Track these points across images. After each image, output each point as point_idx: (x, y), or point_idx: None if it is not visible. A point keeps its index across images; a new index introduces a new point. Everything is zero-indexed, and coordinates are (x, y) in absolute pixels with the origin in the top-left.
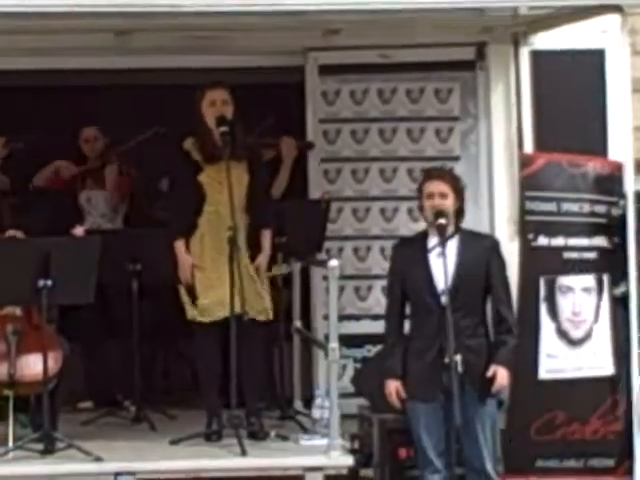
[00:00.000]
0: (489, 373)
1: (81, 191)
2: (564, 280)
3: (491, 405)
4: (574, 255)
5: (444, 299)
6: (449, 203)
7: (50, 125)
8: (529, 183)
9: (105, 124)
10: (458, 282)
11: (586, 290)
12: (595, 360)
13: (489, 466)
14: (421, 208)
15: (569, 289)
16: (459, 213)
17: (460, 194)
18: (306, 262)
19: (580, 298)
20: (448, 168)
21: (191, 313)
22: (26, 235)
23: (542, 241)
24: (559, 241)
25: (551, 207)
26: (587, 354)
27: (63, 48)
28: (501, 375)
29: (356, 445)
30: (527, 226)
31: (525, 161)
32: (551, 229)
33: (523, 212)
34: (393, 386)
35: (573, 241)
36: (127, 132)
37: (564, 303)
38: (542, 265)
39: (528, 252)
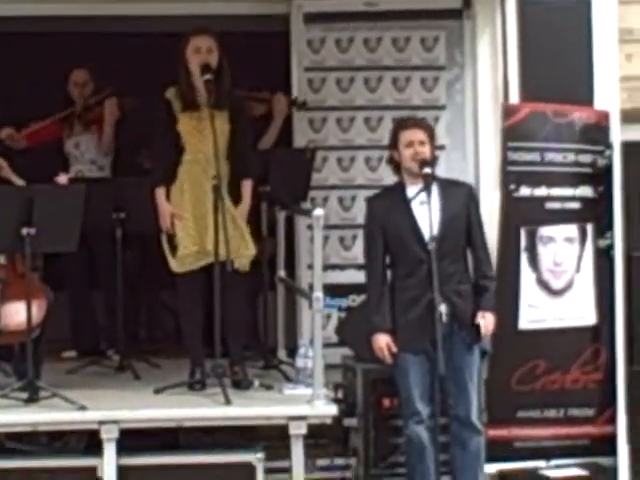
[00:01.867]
0: (478, 319)
1: (69, 137)
2: (545, 230)
3: (476, 354)
4: (556, 205)
5: (432, 247)
6: (428, 150)
7: (36, 71)
8: (512, 133)
9: (91, 70)
10: (444, 229)
11: (568, 240)
12: (576, 310)
13: (474, 416)
14: (392, 159)
15: (550, 239)
16: (434, 161)
17: (434, 144)
18: (290, 211)
19: (562, 248)
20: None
21: (172, 264)
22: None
23: (524, 191)
24: (542, 191)
25: (534, 157)
26: (568, 304)
27: None
28: (489, 320)
29: (340, 395)
30: (509, 176)
31: (508, 111)
32: (534, 179)
33: (505, 162)
34: (384, 340)
35: (556, 191)
36: (112, 80)
37: (545, 253)
38: (524, 215)
39: (509, 202)
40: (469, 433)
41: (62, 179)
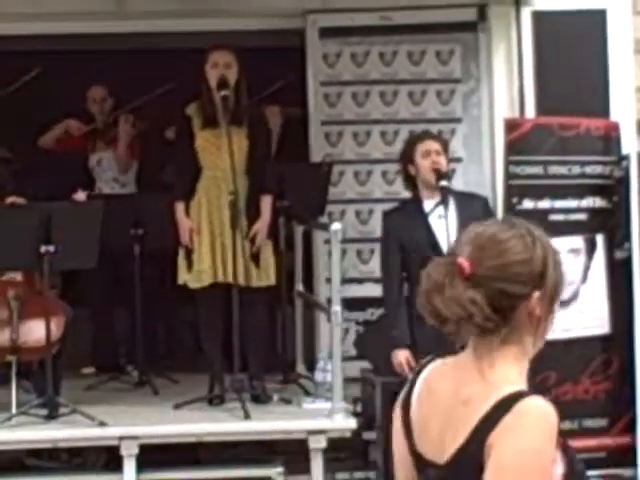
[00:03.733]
0: None
1: (92, 153)
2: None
3: None
4: (560, 217)
5: None
6: (444, 161)
7: (56, 89)
8: (514, 147)
9: (110, 87)
10: None
11: (573, 251)
12: (582, 320)
13: None
14: (406, 174)
15: None
16: (450, 173)
17: (448, 154)
18: (308, 226)
19: (566, 259)
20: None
21: (182, 278)
22: (29, 201)
23: (527, 204)
24: (545, 203)
25: (537, 170)
26: (574, 314)
27: (63, 13)
28: None
29: (359, 408)
30: (511, 190)
31: (510, 126)
32: (537, 192)
33: (507, 176)
34: (403, 356)
35: (560, 203)
36: (130, 96)
37: None
38: None
39: (513, 215)
40: None
41: (80, 196)
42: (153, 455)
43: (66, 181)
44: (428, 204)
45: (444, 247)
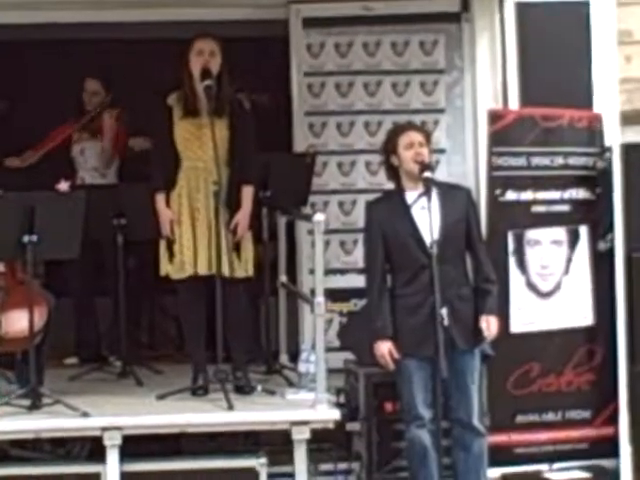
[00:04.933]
0: (482, 323)
1: (76, 143)
2: (532, 233)
3: (477, 357)
4: (542, 209)
5: (434, 251)
6: (427, 153)
7: (45, 79)
8: (497, 139)
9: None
10: (445, 234)
11: (555, 243)
12: (565, 312)
13: (476, 418)
14: (390, 165)
15: (537, 242)
16: (433, 165)
17: (431, 146)
18: (291, 216)
19: (548, 251)
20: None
21: (164, 269)
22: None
23: (510, 196)
24: (528, 195)
25: (520, 162)
26: (556, 306)
27: (47, 2)
28: (492, 323)
29: (342, 399)
30: (494, 181)
31: (494, 117)
32: (520, 183)
33: (490, 168)
34: (386, 347)
35: (543, 195)
36: (115, 87)
37: (532, 256)
38: (510, 219)
39: (496, 207)
40: (471, 436)
41: (63, 186)
42: (136, 446)
43: (48, 170)
44: (411, 195)
45: (426, 238)
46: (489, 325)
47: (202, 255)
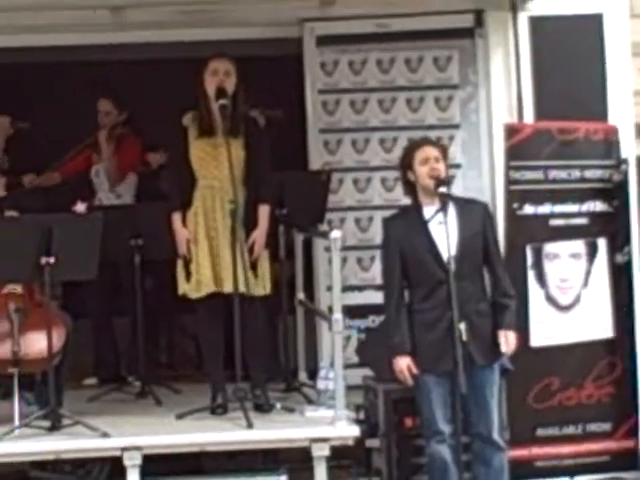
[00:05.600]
0: (501, 338)
1: (95, 164)
2: (550, 247)
3: (496, 372)
4: (561, 222)
5: (452, 267)
6: (443, 168)
7: (64, 100)
8: (514, 153)
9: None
10: (462, 249)
11: (574, 256)
12: (585, 325)
13: (496, 433)
14: (407, 180)
15: (556, 256)
16: (449, 180)
17: (447, 161)
18: (308, 234)
19: (567, 264)
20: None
21: (182, 288)
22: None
23: (528, 209)
24: (545, 208)
25: (537, 175)
26: (576, 319)
27: (61, 25)
28: (511, 338)
29: (361, 416)
30: (512, 195)
31: (510, 131)
32: (537, 197)
33: (508, 182)
34: (404, 363)
35: (560, 208)
36: (130, 107)
37: (551, 270)
38: (528, 233)
39: (514, 221)
40: (491, 450)
41: (80, 208)
42: (156, 465)
43: (68, 191)
44: (428, 210)
45: (444, 254)
46: (507, 340)
47: (224, 273)
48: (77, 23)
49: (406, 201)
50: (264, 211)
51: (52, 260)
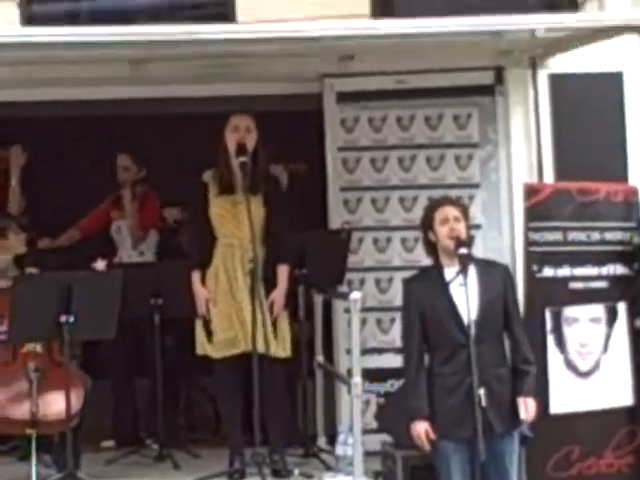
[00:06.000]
0: (520, 405)
1: (115, 221)
2: (570, 311)
3: (516, 439)
4: (580, 285)
5: (472, 331)
6: (463, 228)
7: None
8: (534, 213)
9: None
10: (483, 312)
11: (594, 320)
12: (605, 391)
13: None
14: (428, 241)
15: (575, 320)
16: (470, 240)
17: (468, 221)
18: (328, 295)
19: (587, 329)
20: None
21: (202, 348)
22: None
23: (547, 272)
24: (565, 271)
25: (557, 237)
26: (595, 385)
27: (80, 78)
28: (531, 406)
29: None
30: (531, 257)
31: (530, 191)
32: (557, 259)
33: (527, 243)
34: (422, 427)
35: (580, 271)
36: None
37: (571, 334)
38: (548, 296)
39: (533, 283)
40: None
41: (100, 265)
42: None
43: (89, 248)
44: (449, 272)
45: (464, 317)
46: (527, 407)
47: (244, 333)
48: (96, 77)
49: (426, 262)
50: (283, 271)
51: (72, 319)
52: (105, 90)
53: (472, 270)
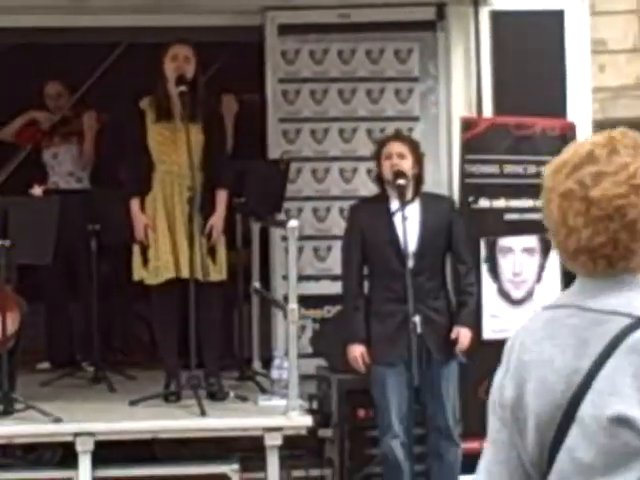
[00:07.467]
0: (453, 335)
1: (48, 147)
2: (504, 241)
3: (453, 365)
4: (515, 216)
5: (410, 262)
6: (407, 164)
7: (12, 83)
8: (470, 146)
9: (68, 82)
10: (423, 245)
11: (528, 251)
12: None
13: (452, 426)
14: (379, 174)
15: (509, 250)
16: (418, 178)
17: (419, 159)
18: (265, 223)
19: (520, 259)
20: (407, 133)
21: (138, 274)
22: None
23: (483, 203)
24: (500, 203)
25: (493, 169)
26: (528, 313)
27: (21, 7)
28: (464, 336)
29: (315, 405)
30: (467, 189)
31: (466, 125)
32: (492, 191)
33: (463, 175)
34: (358, 351)
35: (515, 202)
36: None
37: (505, 264)
38: (483, 227)
39: (469, 214)
40: (447, 444)
41: (37, 191)
42: (108, 451)
43: (19, 175)
44: (394, 204)
45: (403, 247)
46: (460, 337)
47: (182, 259)
48: (36, 5)
49: (364, 192)
50: (222, 196)
51: (7, 243)
52: (46, 18)
53: (416, 203)
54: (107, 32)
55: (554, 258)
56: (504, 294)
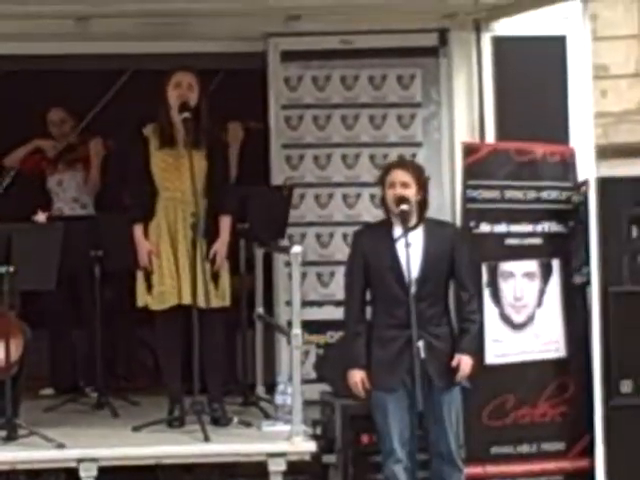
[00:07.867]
0: (454, 363)
1: (52, 174)
2: (505, 266)
3: (456, 391)
4: (515, 241)
5: (413, 289)
6: (411, 192)
7: (15, 110)
8: (472, 171)
9: (71, 109)
10: (425, 271)
11: (528, 275)
12: (538, 343)
13: (455, 452)
14: (383, 201)
15: (510, 275)
16: (422, 204)
17: (423, 185)
18: (269, 248)
19: (521, 283)
20: (411, 158)
21: (142, 300)
22: None
23: (484, 228)
24: (501, 227)
25: (494, 194)
26: (529, 338)
27: (24, 34)
28: (465, 363)
29: (318, 431)
30: (469, 214)
31: (468, 150)
32: (494, 216)
33: (465, 200)
34: (358, 376)
35: (516, 227)
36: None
37: (506, 288)
38: (484, 251)
39: (470, 239)
40: (450, 470)
41: (41, 217)
42: (112, 477)
43: (24, 202)
44: (397, 230)
45: (405, 274)
46: (461, 365)
47: (185, 285)
48: (41, 32)
49: (367, 218)
50: (225, 222)
51: (11, 269)
52: (48, 45)
53: (420, 229)
54: (109, 59)
55: (554, 283)
56: (505, 319)
